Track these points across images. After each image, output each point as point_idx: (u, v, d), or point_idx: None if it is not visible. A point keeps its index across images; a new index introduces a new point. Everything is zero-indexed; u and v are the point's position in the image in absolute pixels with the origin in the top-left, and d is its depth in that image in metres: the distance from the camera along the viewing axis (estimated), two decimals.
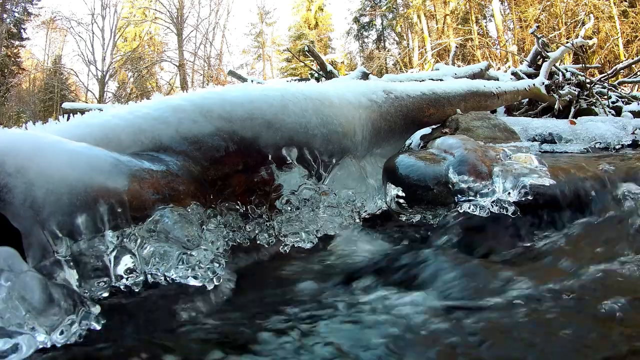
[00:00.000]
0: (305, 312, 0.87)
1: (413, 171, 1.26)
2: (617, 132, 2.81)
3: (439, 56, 16.70)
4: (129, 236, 0.86)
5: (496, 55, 14.07)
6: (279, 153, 1.22)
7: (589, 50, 11.30)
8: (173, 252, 0.89)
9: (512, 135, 2.21)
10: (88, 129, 1.03)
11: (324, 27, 29.09)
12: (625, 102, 4.90)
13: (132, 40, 25.99)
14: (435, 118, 2.12)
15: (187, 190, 0.99)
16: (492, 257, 1.12)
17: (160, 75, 26.66)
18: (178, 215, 0.93)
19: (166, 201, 0.93)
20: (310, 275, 1.08)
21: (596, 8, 14.93)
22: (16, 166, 0.76)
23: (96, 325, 0.75)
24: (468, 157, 1.23)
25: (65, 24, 24.60)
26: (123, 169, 0.90)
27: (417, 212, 1.28)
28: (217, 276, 0.91)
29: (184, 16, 24.47)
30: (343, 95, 1.51)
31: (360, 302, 0.89)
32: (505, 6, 19.36)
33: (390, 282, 0.99)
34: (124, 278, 0.86)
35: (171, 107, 1.14)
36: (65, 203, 0.79)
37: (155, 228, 0.89)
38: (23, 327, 0.66)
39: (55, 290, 0.71)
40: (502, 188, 1.16)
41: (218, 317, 0.90)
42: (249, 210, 1.18)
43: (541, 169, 1.21)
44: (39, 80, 25.68)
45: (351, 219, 1.28)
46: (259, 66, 29.17)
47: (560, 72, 4.80)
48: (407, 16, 22.86)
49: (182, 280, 0.89)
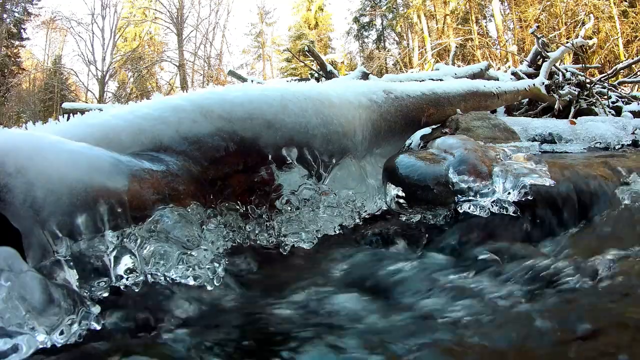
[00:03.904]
0: (303, 313, 0.87)
1: (413, 171, 1.26)
2: (617, 132, 2.81)
3: (439, 56, 16.69)
4: (129, 236, 0.86)
5: (496, 55, 14.06)
6: (279, 153, 1.22)
7: (589, 50, 11.30)
8: (173, 252, 0.89)
9: (512, 135, 2.21)
10: (88, 129, 1.03)
11: (324, 27, 29.08)
12: (625, 102, 4.90)
13: (132, 40, 25.97)
14: (435, 118, 2.12)
15: (187, 190, 0.99)
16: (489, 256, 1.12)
17: (160, 75, 26.67)
18: (178, 215, 0.93)
19: (166, 201, 0.93)
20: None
21: (596, 8, 14.92)
22: (16, 166, 0.76)
23: (96, 325, 0.75)
24: (468, 157, 1.23)
25: (65, 24, 24.61)
26: (123, 169, 0.90)
27: (417, 212, 1.28)
28: (217, 276, 0.91)
29: (184, 16, 24.46)
30: (343, 95, 1.51)
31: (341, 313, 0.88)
32: (505, 6, 19.37)
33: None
34: (124, 278, 0.86)
35: (171, 107, 1.14)
36: (65, 203, 0.79)
37: (155, 228, 0.89)
38: (23, 327, 0.66)
39: (55, 290, 0.71)
40: (502, 188, 1.16)
41: (218, 317, 0.90)
42: (249, 210, 1.18)
43: (541, 169, 1.21)
44: (39, 80, 25.67)
45: (351, 219, 1.28)
46: (259, 66, 29.19)
47: (560, 72, 4.80)
48: (407, 16, 22.86)
49: (182, 280, 0.89)
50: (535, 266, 0.99)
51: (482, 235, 1.18)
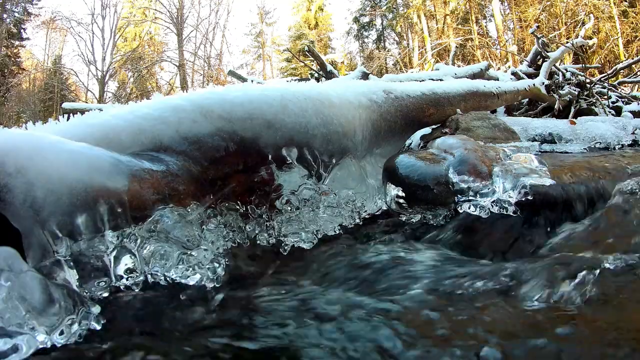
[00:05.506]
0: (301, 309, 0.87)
1: (413, 171, 1.26)
2: (617, 132, 2.81)
3: (439, 56, 16.69)
4: (129, 236, 0.86)
5: (496, 55, 14.06)
6: (279, 153, 1.22)
7: (589, 50, 11.30)
8: (173, 252, 0.89)
9: (512, 135, 2.21)
10: (88, 129, 1.03)
11: (324, 27, 29.09)
12: (625, 102, 4.90)
13: (132, 40, 25.98)
14: (435, 118, 2.12)
15: (187, 190, 0.99)
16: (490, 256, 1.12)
17: (160, 75, 26.68)
18: (178, 215, 0.93)
19: (166, 201, 0.93)
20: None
21: (596, 8, 14.93)
22: (16, 166, 0.76)
23: (96, 325, 0.75)
24: (468, 157, 1.23)
25: (65, 24, 24.62)
26: (123, 169, 0.90)
27: (417, 212, 1.28)
28: (217, 276, 0.91)
29: (184, 16, 24.47)
30: (343, 95, 1.51)
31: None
32: (505, 6, 19.38)
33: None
34: (124, 278, 0.86)
35: (171, 107, 1.14)
36: (65, 203, 0.79)
37: (155, 228, 0.89)
38: (23, 327, 0.66)
39: (55, 290, 0.71)
40: (502, 188, 1.16)
41: (218, 317, 0.90)
42: (249, 210, 1.18)
43: (541, 169, 1.21)
44: (39, 80, 25.67)
45: (351, 219, 1.28)
46: (259, 66, 29.20)
47: (560, 72, 4.80)
48: (407, 16, 22.86)
49: (182, 280, 0.89)
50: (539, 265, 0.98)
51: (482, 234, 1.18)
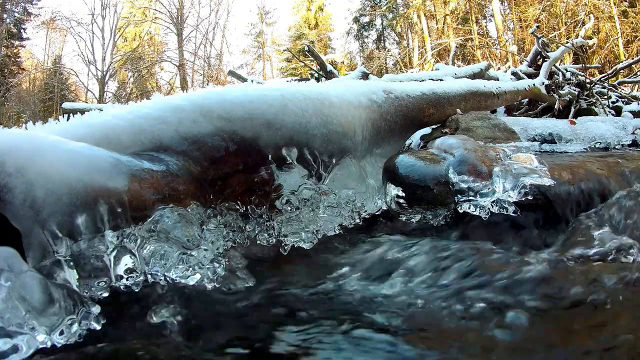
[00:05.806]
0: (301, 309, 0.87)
1: (413, 171, 1.26)
2: (617, 132, 2.81)
3: (439, 56, 16.69)
4: (129, 236, 0.86)
5: (496, 55, 14.05)
6: (279, 153, 1.22)
7: (589, 50, 11.30)
8: (173, 252, 0.89)
9: (512, 135, 2.21)
10: (88, 129, 1.03)
11: (324, 27, 29.07)
12: (625, 102, 4.90)
13: (132, 40, 25.95)
14: (435, 118, 2.12)
15: (187, 190, 0.99)
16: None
17: (160, 75, 26.66)
18: (178, 215, 0.93)
19: (166, 201, 0.93)
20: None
21: (596, 8, 14.92)
22: (16, 166, 0.76)
23: (96, 325, 0.75)
24: (468, 157, 1.23)
25: (65, 24, 24.60)
26: (123, 169, 0.90)
27: (417, 212, 1.28)
28: (217, 276, 0.91)
29: (184, 16, 24.46)
30: (343, 96, 1.51)
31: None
32: (505, 6, 19.36)
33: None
34: (124, 278, 0.86)
35: (171, 107, 1.14)
36: (65, 203, 0.79)
37: (155, 228, 0.89)
38: (23, 327, 0.66)
39: (55, 290, 0.71)
40: (502, 188, 1.16)
41: (218, 317, 0.90)
42: (249, 210, 1.18)
43: (541, 169, 1.21)
44: (39, 80, 25.64)
45: (351, 219, 1.28)
46: (259, 66, 29.17)
47: (560, 72, 4.79)
48: (407, 16, 22.85)
49: (182, 280, 0.89)
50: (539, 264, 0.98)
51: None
